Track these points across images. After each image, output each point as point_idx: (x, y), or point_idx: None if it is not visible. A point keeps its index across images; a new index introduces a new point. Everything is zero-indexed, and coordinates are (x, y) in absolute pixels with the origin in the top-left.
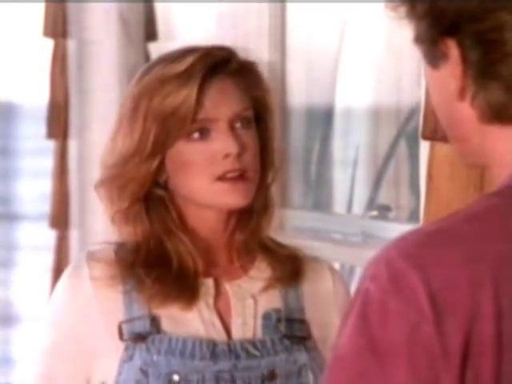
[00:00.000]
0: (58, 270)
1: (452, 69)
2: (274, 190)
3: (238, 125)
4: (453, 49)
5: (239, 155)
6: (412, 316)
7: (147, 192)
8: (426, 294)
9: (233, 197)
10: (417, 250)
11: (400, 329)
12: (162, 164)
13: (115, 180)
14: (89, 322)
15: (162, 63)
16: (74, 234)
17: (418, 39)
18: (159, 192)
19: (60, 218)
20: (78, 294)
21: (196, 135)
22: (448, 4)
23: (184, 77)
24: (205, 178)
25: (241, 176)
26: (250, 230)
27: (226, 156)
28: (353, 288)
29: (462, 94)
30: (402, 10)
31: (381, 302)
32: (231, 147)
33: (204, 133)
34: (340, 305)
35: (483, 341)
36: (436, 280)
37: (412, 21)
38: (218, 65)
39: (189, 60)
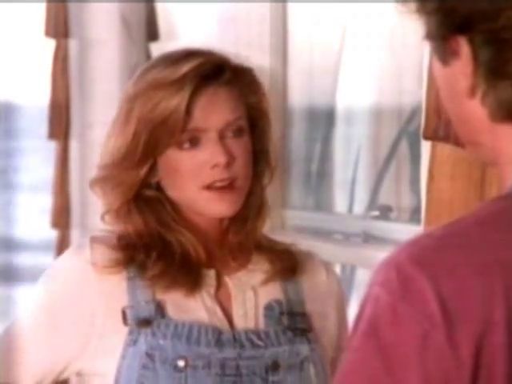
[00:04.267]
0: None
1: (462, 66)
2: (272, 191)
3: (229, 134)
4: (464, 46)
5: (228, 165)
6: (422, 323)
7: (138, 193)
8: (437, 301)
9: (219, 206)
10: (427, 256)
11: (410, 335)
12: (153, 167)
13: (107, 181)
14: (88, 299)
15: (159, 66)
16: (75, 234)
17: (429, 35)
18: (150, 193)
19: (61, 218)
20: (78, 273)
21: (186, 145)
22: (459, 2)
23: (176, 85)
24: (193, 186)
25: (229, 185)
26: (245, 233)
27: (215, 166)
28: (353, 289)
29: (472, 92)
30: (412, 5)
31: (391, 308)
32: (219, 157)
33: (194, 142)
34: (334, 296)
35: (495, 349)
36: (447, 287)
37: (422, 17)
38: (211, 74)
39: (183, 68)
